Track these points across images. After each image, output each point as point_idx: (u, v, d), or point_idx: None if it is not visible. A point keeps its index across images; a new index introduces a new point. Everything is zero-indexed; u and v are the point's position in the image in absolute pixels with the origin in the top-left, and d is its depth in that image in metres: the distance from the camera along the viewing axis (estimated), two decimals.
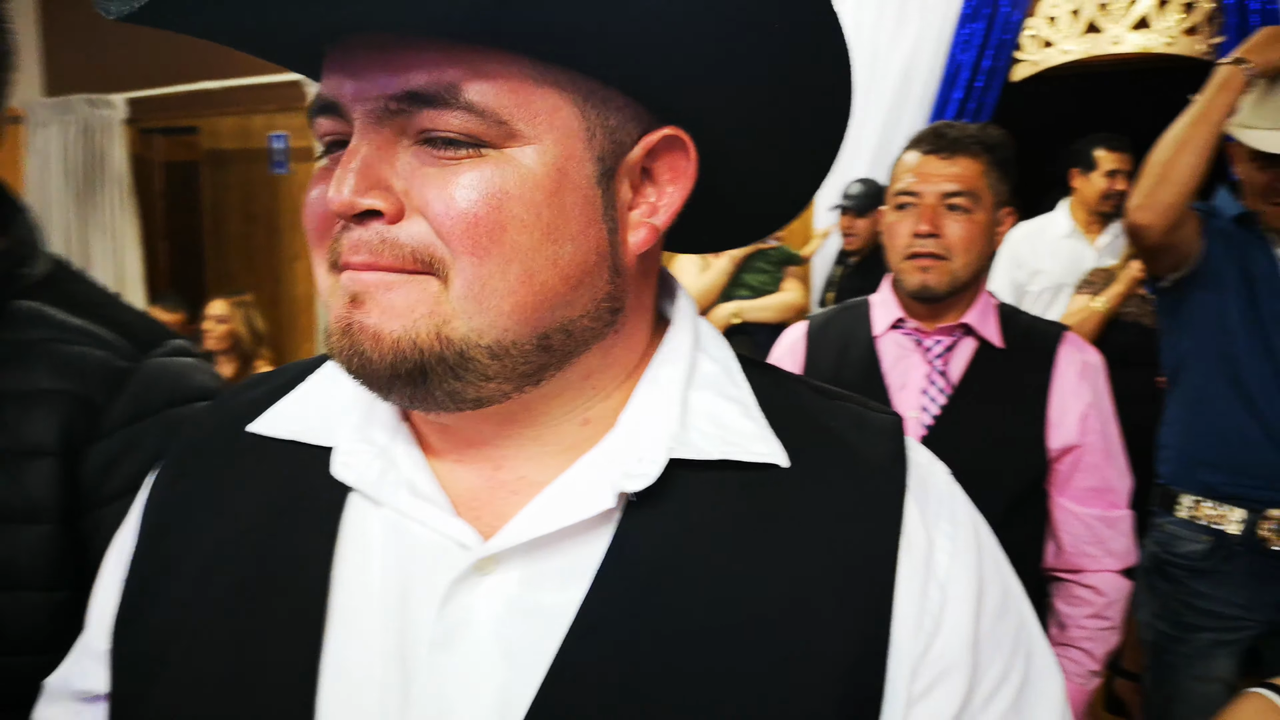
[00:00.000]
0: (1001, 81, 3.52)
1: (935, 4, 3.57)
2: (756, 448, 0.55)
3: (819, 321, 1.65)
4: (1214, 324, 1.87)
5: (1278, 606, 1.84)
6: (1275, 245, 1.85)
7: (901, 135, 3.61)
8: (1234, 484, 1.85)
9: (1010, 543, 1.48)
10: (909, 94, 3.65)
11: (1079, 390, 1.48)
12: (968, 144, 1.45)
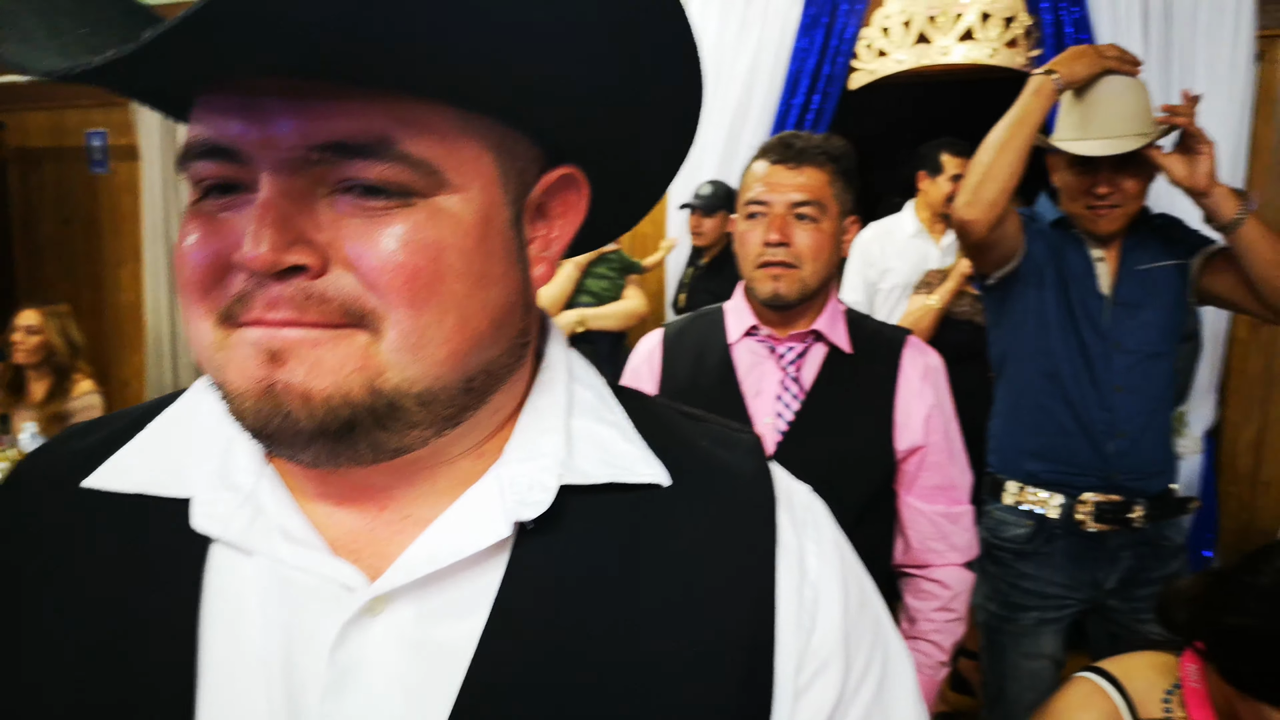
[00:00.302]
0: (840, 89, 3.65)
1: (775, 14, 3.68)
2: (640, 469, 0.57)
3: (674, 329, 1.65)
4: (1034, 320, 1.98)
5: (1095, 584, 1.95)
6: (1089, 246, 1.97)
7: (746, 140, 3.75)
8: (1053, 471, 1.96)
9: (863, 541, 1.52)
10: (752, 100, 3.74)
11: (922, 392, 1.53)
12: (814, 154, 1.48)
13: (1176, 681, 1.27)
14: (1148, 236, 1.98)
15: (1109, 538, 1.93)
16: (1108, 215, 1.89)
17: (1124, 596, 1.95)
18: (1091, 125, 1.87)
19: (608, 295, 3.46)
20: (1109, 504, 1.91)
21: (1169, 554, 1.96)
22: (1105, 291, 1.95)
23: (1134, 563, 1.94)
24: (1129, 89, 1.87)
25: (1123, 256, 1.96)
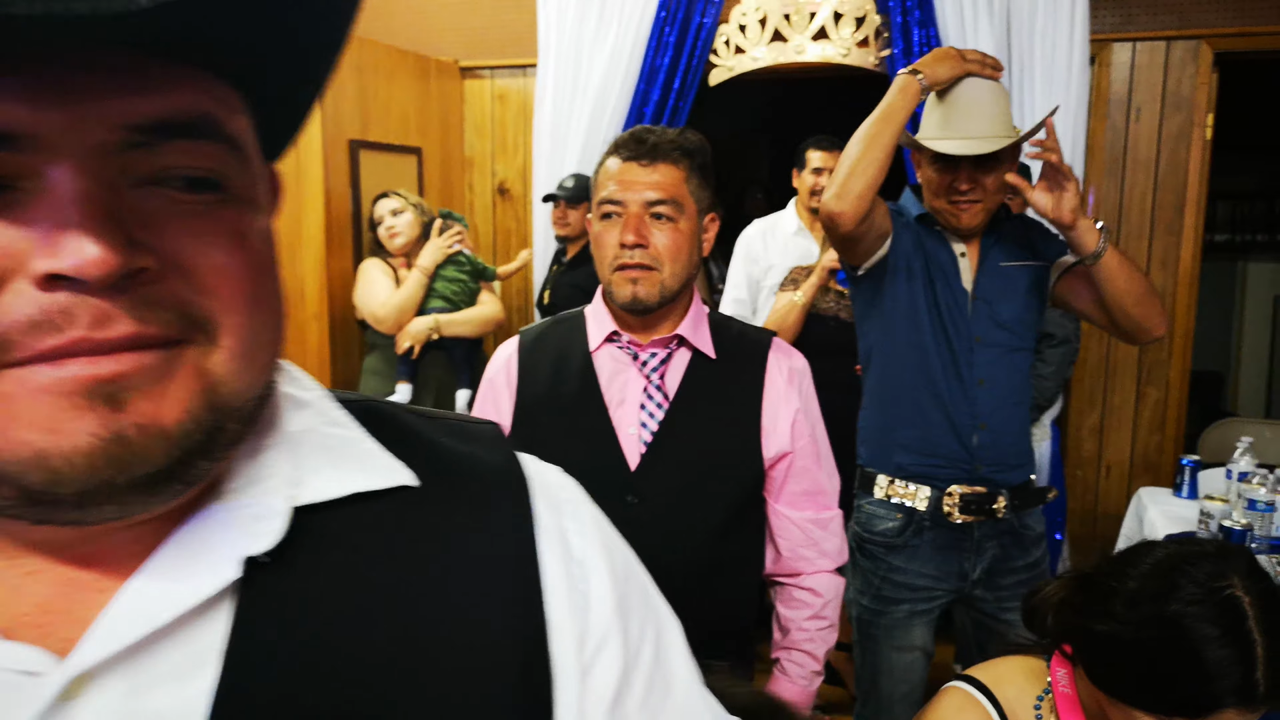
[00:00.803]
0: (697, 84, 3.65)
1: (633, 8, 3.65)
2: (381, 475, 0.51)
3: (531, 336, 1.56)
4: (903, 313, 1.99)
5: (961, 575, 1.99)
6: (953, 241, 2.00)
7: (604, 133, 3.71)
8: (921, 464, 1.98)
9: (734, 552, 1.47)
10: (610, 94, 3.71)
11: (788, 396, 1.50)
12: (668, 150, 1.41)
13: (1046, 687, 1.26)
14: (1008, 234, 2.02)
15: (974, 529, 1.96)
16: (969, 210, 1.92)
17: (989, 586, 1.99)
18: (953, 125, 1.90)
19: (459, 298, 3.36)
20: (974, 495, 1.94)
21: (1030, 542, 2.01)
22: (968, 286, 1.97)
23: (998, 552, 1.98)
24: (989, 92, 1.91)
25: (984, 253, 2.00)
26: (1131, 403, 3.48)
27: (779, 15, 3.51)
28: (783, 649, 1.57)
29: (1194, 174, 3.30)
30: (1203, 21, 3.23)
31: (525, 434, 1.48)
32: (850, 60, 3.46)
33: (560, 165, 3.80)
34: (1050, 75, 3.23)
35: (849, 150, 1.84)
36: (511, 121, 4.08)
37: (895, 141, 1.85)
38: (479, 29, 4.05)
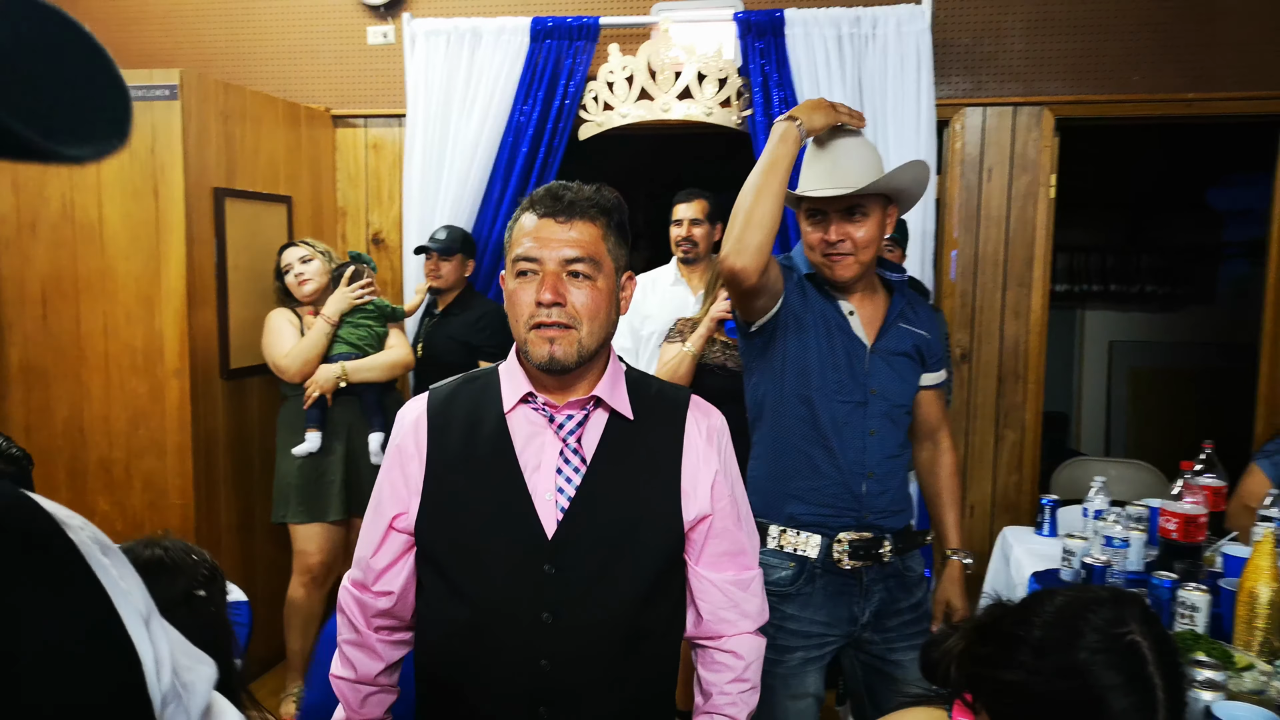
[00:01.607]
0: (566, 140, 3.69)
1: (500, 65, 3.67)
2: None
3: (441, 396, 1.49)
4: (794, 367, 2.02)
5: (851, 619, 2.02)
6: (839, 298, 2.05)
7: (474, 187, 3.69)
8: (813, 513, 2.01)
9: (655, 617, 1.42)
10: (479, 148, 3.71)
11: (708, 456, 1.47)
12: (585, 208, 1.38)
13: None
14: (901, 300, 2.09)
15: (863, 574, 2.00)
16: (840, 262, 1.97)
17: (877, 628, 2.03)
18: (826, 176, 1.96)
19: (366, 344, 3.31)
20: (861, 541, 1.99)
21: (913, 583, 2.07)
22: (866, 340, 2.03)
23: (885, 595, 2.03)
24: (859, 145, 1.98)
25: (890, 309, 2.06)
26: (991, 444, 3.66)
27: (645, 74, 3.59)
28: (704, 714, 1.53)
29: (1040, 230, 3.54)
30: (1045, 89, 3.50)
31: (437, 500, 1.42)
32: (714, 119, 3.57)
33: (431, 217, 3.76)
34: (901, 137, 3.42)
35: (740, 204, 1.85)
36: (386, 171, 4.01)
37: (783, 189, 1.86)
38: (351, 77, 3.98)
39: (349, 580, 1.52)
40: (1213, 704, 1.56)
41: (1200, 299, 6.07)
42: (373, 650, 1.50)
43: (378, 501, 1.48)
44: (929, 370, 2.14)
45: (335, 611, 1.56)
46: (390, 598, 1.48)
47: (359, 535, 1.51)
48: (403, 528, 1.45)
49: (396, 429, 1.49)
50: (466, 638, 1.39)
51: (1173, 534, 2.44)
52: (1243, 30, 3.35)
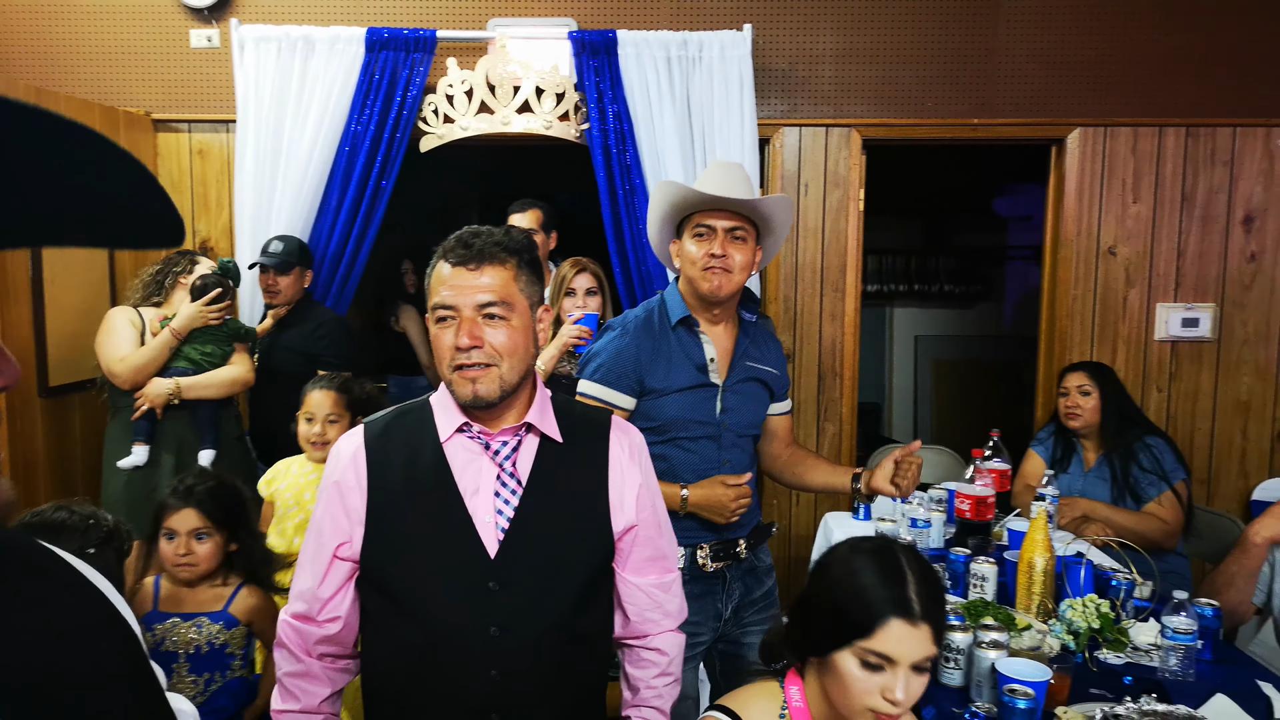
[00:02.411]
0: (403, 152, 3.71)
1: (335, 75, 3.65)
2: None
3: (376, 429, 1.55)
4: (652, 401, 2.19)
5: (718, 616, 2.22)
6: (705, 342, 2.20)
7: (310, 197, 3.67)
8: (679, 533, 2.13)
9: (589, 623, 1.55)
10: (314, 156, 3.68)
11: (630, 471, 1.59)
12: (494, 252, 1.46)
13: (783, 704, 1.46)
14: (756, 338, 2.28)
15: (725, 573, 2.21)
16: (719, 275, 2.12)
17: (736, 622, 2.25)
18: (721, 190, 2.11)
19: (209, 363, 3.22)
20: (721, 544, 2.19)
21: (764, 573, 2.30)
22: (718, 381, 2.20)
23: (743, 589, 2.24)
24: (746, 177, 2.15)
25: (737, 351, 2.24)
26: (814, 437, 3.97)
27: (484, 87, 3.67)
28: (633, 707, 1.67)
29: (852, 239, 3.87)
30: (852, 112, 3.82)
31: (382, 529, 1.48)
32: (553, 132, 3.69)
33: (266, 225, 3.69)
34: (728, 153, 3.66)
35: None
36: (214, 178, 3.89)
37: None
38: (173, 80, 3.84)
39: (289, 614, 1.56)
40: (997, 661, 1.84)
41: (991, 297, 6.72)
42: (319, 678, 1.56)
43: (318, 534, 1.53)
44: (777, 400, 2.35)
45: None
46: (337, 623, 1.54)
47: (297, 570, 1.56)
48: (347, 556, 1.51)
49: (333, 463, 1.53)
50: (419, 657, 1.47)
51: (966, 513, 2.77)
52: (1015, 66, 3.78)
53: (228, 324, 3.29)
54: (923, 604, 1.36)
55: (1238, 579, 2.41)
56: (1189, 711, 1.75)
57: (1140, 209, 3.84)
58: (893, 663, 1.34)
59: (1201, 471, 3.93)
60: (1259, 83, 3.76)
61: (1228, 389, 3.91)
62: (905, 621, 1.34)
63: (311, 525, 1.55)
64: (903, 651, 1.34)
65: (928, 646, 1.35)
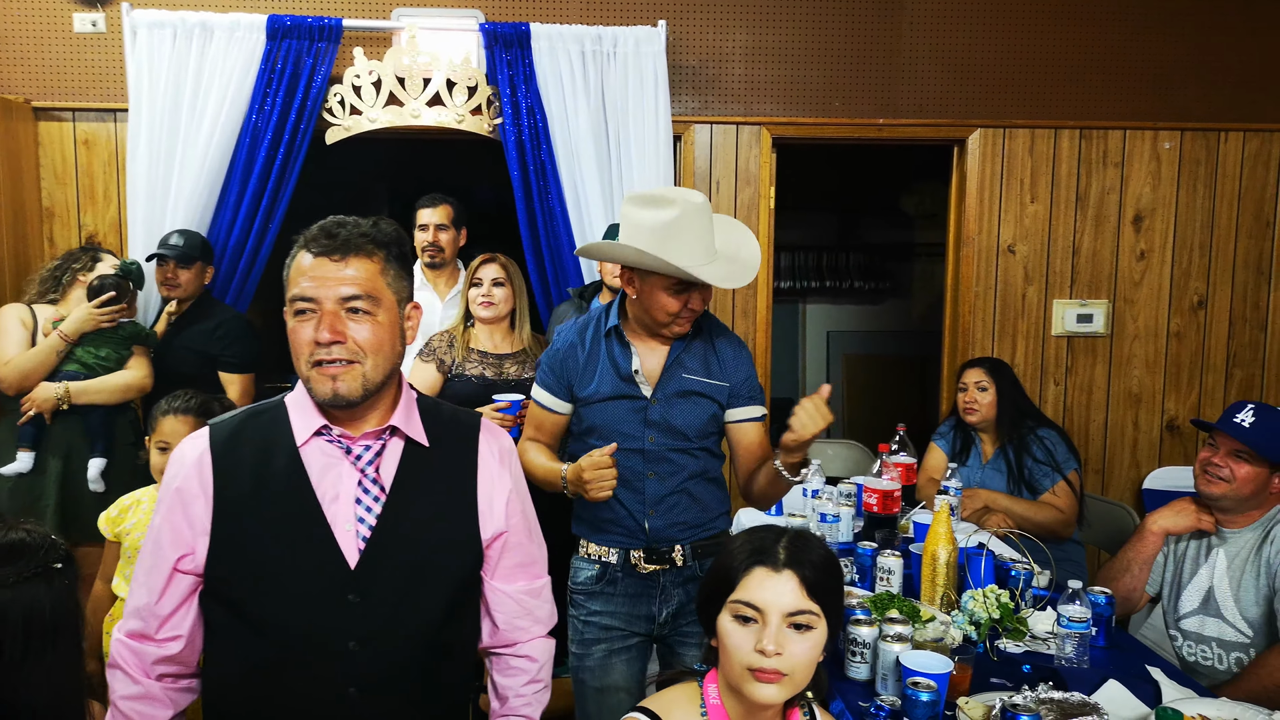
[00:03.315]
0: (309, 141, 3.60)
1: (234, 62, 3.52)
2: None
3: (224, 432, 1.43)
4: (584, 426, 2.20)
5: (650, 617, 2.20)
6: (634, 356, 2.17)
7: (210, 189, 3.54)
8: (609, 539, 2.19)
9: (455, 634, 1.50)
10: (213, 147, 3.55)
11: (501, 477, 1.53)
12: (361, 244, 1.37)
13: (702, 702, 1.46)
14: (696, 349, 2.21)
15: (660, 576, 2.19)
16: (688, 321, 2.13)
17: (673, 627, 2.22)
18: (728, 265, 2.08)
19: (103, 367, 3.09)
20: (655, 549, 2.18)
21: None
22: (645, 393, 2.16)
23: (683, 597, 2.21)
24: (747, 235, 2.18)
25: (669, 362, 2.18)
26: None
27: (393, 79, 3.57)
28: (501, 716, 1.61)
29: (763, 237, 3.90)
30: (762, 110, 3.85)
31: (230, 539, 1.37)
32: (465, 126, 3.62)
33: (161, 218, 3.54)
34: (643, 150, 3.65)
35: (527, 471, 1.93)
36: (101, 169, 3.71)
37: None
38: (55, 65, 3.65)
39: (123, 633, 1.44)
40: (901, 654, 1.87)
41: (899, 293, 6.87)
42: (159, 700, 1.44)
43: (156, 545, 1.41)
44: (735, 407, 2.23)
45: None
46: (179, 642, 1.43)
47: (131, 585, 1.44)
48: (189, 569, 1.40)
49: (174, 468, 1.42)
50: (270, 674, 1.38)
51: (874, 507, 2.82)
52: (919, 67, 3.87)
53: (124, 327, 3.14)
54: (788, 554, 1.41)
55: (1134, 566, 2.51)
56: (1082, 698, 1.81)
57: (1037, 208, 3.97)
58: (761, 612, 1.39)
59: (1096, 461, 4.09)
60: (1146, 87, 3.93)
61: (1120, 382, 4.07)
62: (768, 569, 1.40)
63: (148, 536, 1.43)
64: (768, 599, 1.38)
65: (798, 596, 1.39)
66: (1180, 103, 3.94)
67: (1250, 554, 2.36)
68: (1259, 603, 2.31)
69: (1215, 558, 2.42)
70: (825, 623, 1.41)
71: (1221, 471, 2.36)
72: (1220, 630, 2.38)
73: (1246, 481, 2.33)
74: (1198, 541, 2.49)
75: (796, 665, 1.37)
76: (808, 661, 1.39)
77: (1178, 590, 2.50)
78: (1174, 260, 4.02)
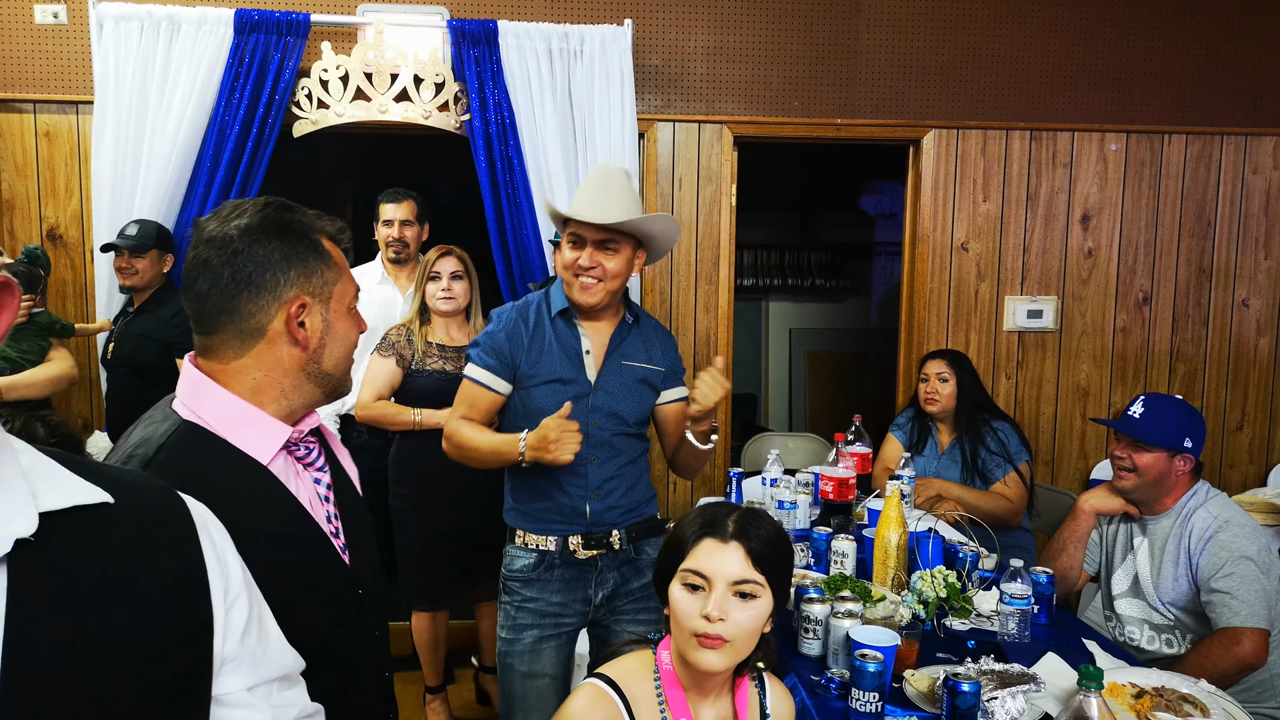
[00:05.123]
0: (277, 134, 3.63)
1: (205, 53, 3.54)
2: (89, 493, 0.74)
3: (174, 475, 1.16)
4: (520, 399, 2.24)
5: (586, 601, 2.26)
6: (583, 337, 2.24)
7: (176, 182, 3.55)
8: (547, 527, 2.24)
9: None
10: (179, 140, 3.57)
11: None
12: None
13: (655, 668, 1.53)
14: (636, 336, 2.31)
15: (598, 561, 2.25)
16: (589, 288, 2.18)
17: (610, 609, 2.29)
18: (593, 206, 2.14)
19: (28, 361, 3.10)
20: (593, 535, 2.24)
21: (645, 566, 2.33)
22: (590, 379, 2.23)
23: (618, 578, 2.29)
24: (626, 186, 2.17)
25: (611, 348, 2.26)
26: None
27: (361, 74, 3.61)
28: None
29: (724, 234, 3.99)
30: (724, 109, 3.94)
31: None
32: (432, 122, 3.66)
33: (127, 211, 3.56)
34: (609, 146, 3.72)
35: (465, 449, 2.21)
36: (63, 161, 3.70)
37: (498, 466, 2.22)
38: (16, 56, 3.64)
39: None
40: (850, 630, 1.95)
41: (860, 292, 7.00)
42: None
43: None
44: (667, 388, 2.35)
45: None
46: None
47: None
48: None
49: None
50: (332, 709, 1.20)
51: (830, 495, 2.91)
52: (876, 69, 3.98)
53: (39, 317, 3.14)
54: (736, 527, 1.50)
55: (1069, 545, 2.63)
56: (1021, 669, 1.91)
57: (989, 207, 4.09)
58: (708, 580, 1.47)
59: (1046, 453, 4.23)
60: (1093, 90, 4.07)
61: (1068, 376, 4.21)
62: (716, 540, 1.49)
63: None
64: (715, 568, 1.47)
65: (743, 566, 1.47)
66: (1126, 105, 4.08)
67: (1166, 540, 2.49)
68: (1176, 589, 2.45)
69: (1139, 544, 2.56)
70: (770, 594, 1.49)
71: (1125, 463, 2.50)
72: (1146, 613, 2.52)
73: (1149, 468, 2.48)
74: (1125, 526, 2.62)
75: (739, 632, 1.45)
76: (750, 630, 1.47)
77: (1109, 573, 2.63)
78: (1120, 258, 4.17)
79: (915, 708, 1.85)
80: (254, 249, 1.23)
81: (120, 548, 0.76)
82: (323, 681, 1.20)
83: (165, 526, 0.81)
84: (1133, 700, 1.82)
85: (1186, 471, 2.49)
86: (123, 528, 0.77)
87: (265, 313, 1.24)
